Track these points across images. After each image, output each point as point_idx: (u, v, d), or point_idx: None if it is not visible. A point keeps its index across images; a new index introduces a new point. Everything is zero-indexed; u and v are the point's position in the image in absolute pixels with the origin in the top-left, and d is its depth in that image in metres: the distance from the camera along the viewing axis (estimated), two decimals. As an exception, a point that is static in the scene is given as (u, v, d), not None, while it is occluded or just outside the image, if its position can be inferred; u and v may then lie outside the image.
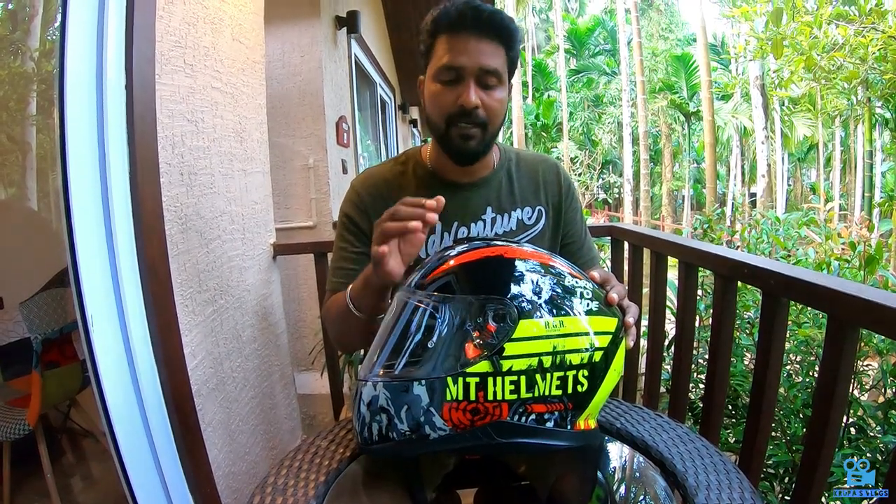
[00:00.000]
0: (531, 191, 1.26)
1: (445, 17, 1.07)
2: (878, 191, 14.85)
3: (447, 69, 1.06)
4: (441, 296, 0.75)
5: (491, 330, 0.72)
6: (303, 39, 3.00)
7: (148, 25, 1.27)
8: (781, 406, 2.01)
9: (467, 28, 1.05)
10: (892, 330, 0.99)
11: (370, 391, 0.77)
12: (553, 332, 0.73)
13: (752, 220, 3.56)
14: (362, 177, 1.28)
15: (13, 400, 2.40)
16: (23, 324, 2.48)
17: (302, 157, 3.02)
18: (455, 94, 1.06)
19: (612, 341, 0.78)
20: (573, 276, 0.80)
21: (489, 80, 1.07)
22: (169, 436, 1.25)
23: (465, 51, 1.05)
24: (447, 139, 1.11)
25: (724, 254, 1.48)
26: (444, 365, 0.72)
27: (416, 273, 0.81)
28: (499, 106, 1.10)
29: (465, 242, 0.84)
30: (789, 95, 10.60)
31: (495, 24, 1.06)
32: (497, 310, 0.72)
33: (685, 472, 0.87)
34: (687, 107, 20.50)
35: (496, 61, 1.07)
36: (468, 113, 1.06)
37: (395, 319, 0.79)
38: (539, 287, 0.75)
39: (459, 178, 1.21)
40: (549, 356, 0.73)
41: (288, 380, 2.27)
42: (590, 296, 0.78)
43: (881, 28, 6.08)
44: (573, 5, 31.44)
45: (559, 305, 0.75)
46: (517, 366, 0.72)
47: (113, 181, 1.14)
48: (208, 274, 1.59)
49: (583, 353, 0.75)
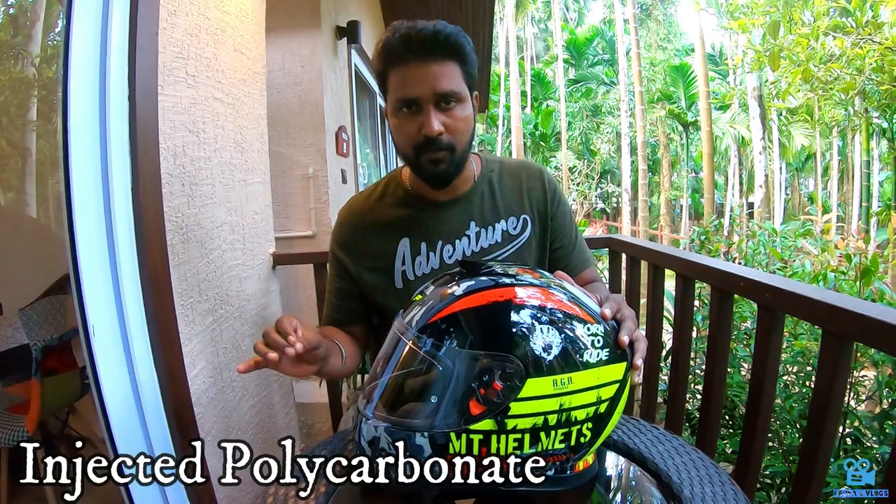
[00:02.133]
0: (515, 200, 1.26)
1: (389, 50, 1.05)
2: (875, 200, 14.88)
3: (402, 101, 1.06)
4: (447, 348, 0.70)
5: (497, 388, 0.68)
6: (303, 49, 3.02)
7: (151, 36, 1.28)
8: (778, 417, 2.01)
9: (413, 55, 1.03)
10: (884, 343, 1.00)
11: (371, 431, 0.75)
12: (561, 390, 0.70)
13: (750, 230, 3.57)
14: (345, 209, 1.31)
15: (12, 406, 2.41)
16: (22, 330, 2.48)
17: (302, 166, 3.03)
18: (417, 123, 1.06)
19: (618, 389, 0.76)
20: (585, 320, 0.75)
21: (449, 101, 1.06)
22: (168, 445, 1.26)
23: (416, 80, 1.04)
24: (418, 167, 1.12)
25: (720, 267, 1.50)
26: (447, 420, 0.70)
27: (418, 309, 0.76)
28: (463, 125, 1.09)
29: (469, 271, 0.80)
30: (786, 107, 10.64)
31: (440, 43, 1.04)
32: (505, 368, 0.68)
33: (680, 483, 0.88)
34: (685, 117, 20.55)
35: (451, 82, 1.05)
36: (432, 140, 1.05)
37: (396, 360, 0.76)
38: (549, 342, 0.70)
39: (439, 197, 1.22)
40: (555, 414, 0.70)
41: (286, 389, 2.27)
42: (600, 343, 0.74)
43: (878, 39, 6.12)
44: (572, 15, 31.59)
45: (568, 361, 0.71)
46: (522, 424, 0.69)
47: (115, 191, 1.15)
48: (208, 284, 1.60)
49: (589, 408, 0.72)
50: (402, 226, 1.23)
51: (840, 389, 1.10)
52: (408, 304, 0.82)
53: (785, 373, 2.21)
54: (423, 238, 1.21)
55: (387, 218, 1.24)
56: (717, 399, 1.53)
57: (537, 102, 25.93)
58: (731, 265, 1.74)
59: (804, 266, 2.65)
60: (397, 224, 1.23)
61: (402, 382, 0.76)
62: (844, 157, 17.96)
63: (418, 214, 1.23)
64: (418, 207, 1.23)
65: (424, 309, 0.75)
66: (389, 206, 1.25)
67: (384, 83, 1.10)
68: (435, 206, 1.22)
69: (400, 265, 1.21)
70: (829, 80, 6.88)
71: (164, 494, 1.22)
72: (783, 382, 2.18)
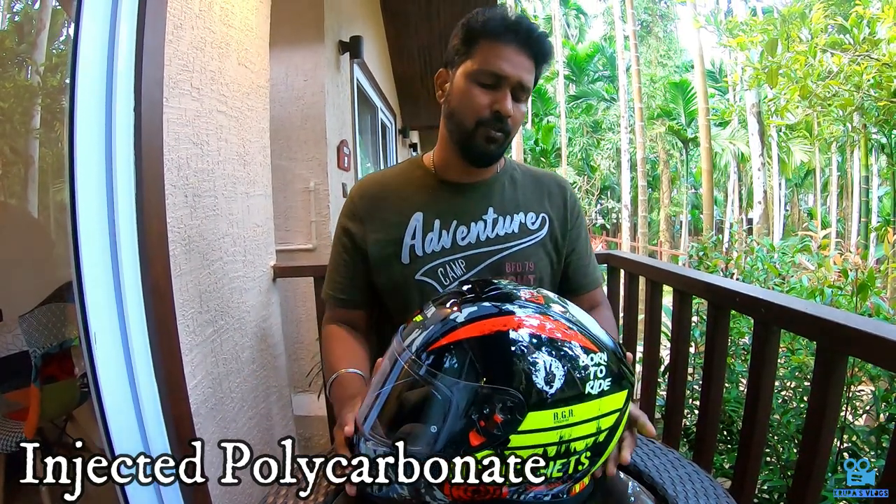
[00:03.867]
0: (536, 198, 1.28)
1: (497, 23, 1.09)
2: (874, 215, 14.91)
3: (489, 74, 1.09)
4: (447, 378, 0.69)
5: (497, 421, 0.67)
6: (306, 64, 3.06)
7: (157, 49, 1.30)
8: (775, 431, 2.02)
9: (518, 41, 1.09)
10: (878, 357, 1.01)
11: (369, 451, 0.75)
12: (561, 422, 0.69)
13: (748, 246, 3.59)
14: (360, 183, 1.31)
15: (11, 413, 2.40)
16: (21, 337, 2.48)
17: (303, 179, 3.06)
18: (491, 98, 1.10)
19: (618, 418, 0.75)
20: (588, 349, 0.73)
21: (521, 94, 1.12)
22: (167, 454, 1.26)
23: (509, 60, 1.08)
24: (471, 138, 1.14)
25: (717, 282, 1.51)
26: (447, 450, 0.69)
27: (418, 332, 0.75)
28: (521, 119, 1.15)
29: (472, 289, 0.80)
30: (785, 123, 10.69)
31: (540, 45, 1.11)
32: (506, 401, 0.67)
33: (675, 496, 0.89)
34: (685, 133, 20.65)
35: (531, 78, 1.12)
36: (500, 119, 1.10)
37: (394, 381, 0.75)
38: (551, 374, 0.69)
39: (460, 179, 1.24)
40: (555, 446, 0.70)
41: (285, 401, 2.27)
42: (602, 374, 0.73)
43: (875, 56, 6.17)
44: (573, 32, 31.82)
45: (570, 394, 0.70)
46: (520, 454, 0.69)
47: (119, 201, 1.16)
48: (209, 295, 1.61)
49: (588, 439, 0.72)
50: (417, 200, 1.23)
51: (835, 403, 1.11)
52: (408, 322, 0.81)
53: (783, 388, 2.21)
54: (438, 215, 1.21)
55: (403, 191, 1.25)
56: (713, 414, 1.53)
57: (538, 118, 26.05)
58: (728, 281, 1.76)
59: (801, 281, 2.66)
60: (412, 198, 1.23)
61: (400, 405, 0.76)
62: (843, 172, 18.02)
63: (436, 192, 1.24)
64: (437, 186, 1.24)
65: (425, 334, 0.74)
66: (407, 180, 1.27)
67: (467, 49, 1.12)
68: (455, 187, 1.24)
69: (409, 239, 1.20)
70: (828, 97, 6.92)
71: (159, 495, 1.22)
72: (781, 398, 2.19)
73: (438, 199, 1.23)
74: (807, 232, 3.83)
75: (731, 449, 2.30)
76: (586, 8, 33.24)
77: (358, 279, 1.26)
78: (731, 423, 2.33)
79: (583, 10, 32.54)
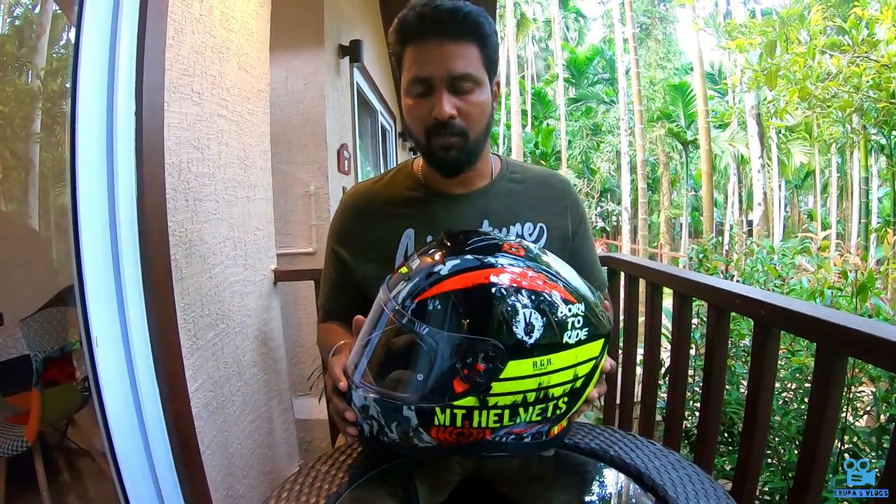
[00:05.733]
0: (534, 206, 1.20)
1: (405, 26, 1.02)
2: (874, 216, 14.89)
3: (416, 82, 1.03)
4: (432, 329, 0.73)
5: (479, 369, 0.72)
6: (306, 67, 3.06)
7: (158, 53, 1.30)
8: (776, 433, 2.02)
9: (429, 33, 1.00)
10: (878, 358, 1.02)
11: (360, 398, 0.80)
12: (540, 370, 0.73)
13: (748, 248, 3.59)
14: (348, 194, 1.27)
15: (12, 416, 2.41)
16: (22, 341, 2.49)
17: (303, 183, 3.06)
18: (429, 105, 1.02)
19: (594, 365, 0.80)
20: (567, 299, 0.77)
21: (462, 85, 1.02)
22: (169, 457, 1.26)
23: (430, 59, 1.01)
24: (429, 152, 1.08)
25: (717, 284, 1.51)
26: (433, 396, 0.74)
27: (403, 284, 0.78)
28: (478, 110, 1.05)
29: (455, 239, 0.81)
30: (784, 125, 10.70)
31: (458, 21, 0.99)
32: (487, 350, 0.71)
33: (676, 498, 0.89)
34: (685, 135, 20.65)
35: (468, 64, 1.02)
36: (444, 124, 1.02)
37: (381, 331, 0.79)
38: (531, 325, 0.73)
39: (452, 190, 1.17)
40: (534, 392, 0.74)
41: (286, 405, 2.27)
42: (580, 324, 0.77)
43: (874, 57, 6.17)
44: (572, 34, 31.88)
45: (548, 343, 0.74)
46: (502, 401, 0.73)
47: (120, 205, 1.17)
48: (210, 299, 1.61)
49: (566, 385, 0.76)
50: (408, 216, 1.17)
51: (835, 404, 1.11)
52: (393, 273, 0.83)
53: (783, 389, 2.22)
54: (430, 231, 1.15)
55: (392, 206, 1.18)
56: (714, 415, 1.53)
57: (538, 121, 26.10)
58: (728, 282, 1.76)
59: (801, 283, 2.66)
60: (403, 213, 1.17)
61: (387, 353, 0.80)
62: (843, 173, 18.02)
63: (427, 206, 1.17)
64: (428, 199, 1.17)
65: (410, 285, 0.77)
66: (397, 193, 1.20)
67: (399, 63, 1.07)
68: (447, 199, 1.17)
69: (401, 257, 1.15)
70: (827, 98, 6.92)
71: (159, 495, 1.23)
72: (781, 399, 2.19)
73: (430, 212, 1.16)
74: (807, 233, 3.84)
75: (732, 450, 2.30)
76: (585, 11, 33.37)
77: (349, 292, 1.23)
78: (732, 425, 2.33)
79: (582, 13, 32.65)
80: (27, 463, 2.20)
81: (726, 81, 19.93)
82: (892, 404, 1.89)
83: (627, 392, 2.10)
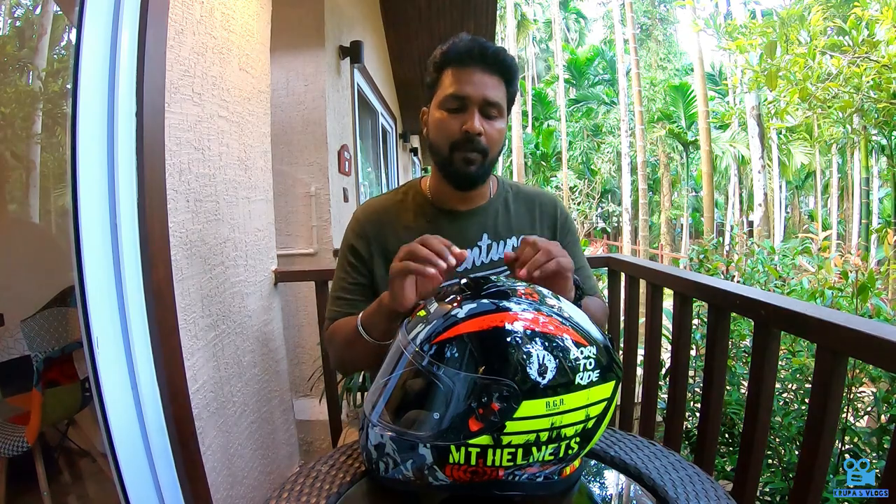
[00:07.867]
0: (527, 221, 1.32)
1: (454, 51, 1.15)
2: (875, 217, 14.88)
3: (453, 98, 1.14)
4: (449, 369, 0.76)
5: (494, 409, 0.74)
6: (307, 69, 3.06)
7: (159, 55, 1.31)
8: (777, 433, 2.02)
9: (474, 61, 1.14)
10: (878, 358, 1.01)
11: (377, 436, 0.81)
12: (553, 410, 0.75)
13: (749, 249, 3.59)
14: (363, 206, 1.34)
15: (12, 417, 2.41)
16: (23, 341, 2.49)
17: (304, 184, 3.06)
18: (460, 121, 1.14)
19: (605, 406, 0.81)
20: (578, 343, 0.79)
21: (491, 111, 1.15)
22: (169, 458, 1.26)
23: (470, 82, 1.13)
24: (450, 164, 1.18)
25: (717, 285, 1.51)
26: (449, 434, 0.75)
27: (422, 326, 0.81)
28: (498, 136, 1.18)
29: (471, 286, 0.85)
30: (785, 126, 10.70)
31: (499, 60, 1.15)
32: (502, 391, 0.74)
33: (676, 498, 0.89)
34: (685, 136, 20.64)
35: (498, 94, 1.16)
36: (471, 139, 1.14)
37: (400, 372, 0.81)
38: (544, 366, 0.75)
39: (457, 206, 1.28)
40: (547, 432, 0.76)
41: (287, 405, 2.27)
42: (591, 366, 0.79)
43: (874, 58, 6.16)
44: (573, 35, 31.91)
45: (561, 384, 0.76)
46: (516, 440, 0.75)
47: (121, 206, 1.17)
48: (211, 299, 1.61)
49: (578, 426, 0.78)
50: (416, 227, 1.25)
51: (835, 404, 1.11)
52: (412, 317, 0.86)
53: (784, 390, 2.21)
54: None
55: (404, 221, 1.28)
56: (715, 416, 1.53)
57: (538, 122, 26.12)
58: (728, 283, 1.75)
59: (802, 283, 2.66)
60: (414, 229, 1.25)
61: (404, 393, 0.82)
62: (844, 174, 18.00)
63: (434, 220, 1.28)
64: (436, 215, 1.28)
65: (428, 328, 0.79)
66: (408, 211, 1.30)
67: (436, 81, 1.19)
68: (452, 215, 1.28)
69: None
70: (827, 99, 6.92)
71: (160, 495, 1.23)
72: (782, 400, 2.19)
73: (436, 227, 1.26)
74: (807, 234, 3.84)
75: (733, 451, 2.29)
76: (586, 12, 33.42)
77: (364, 293, 1.26)
78: (733, 426, 2.33)
79: (582, 14, 32.68)
80: (28, 463, 2.20)
81: (727, 82, 19.93)
82: (892, 405, 1.89)
83: (628, 393, 2.10)
